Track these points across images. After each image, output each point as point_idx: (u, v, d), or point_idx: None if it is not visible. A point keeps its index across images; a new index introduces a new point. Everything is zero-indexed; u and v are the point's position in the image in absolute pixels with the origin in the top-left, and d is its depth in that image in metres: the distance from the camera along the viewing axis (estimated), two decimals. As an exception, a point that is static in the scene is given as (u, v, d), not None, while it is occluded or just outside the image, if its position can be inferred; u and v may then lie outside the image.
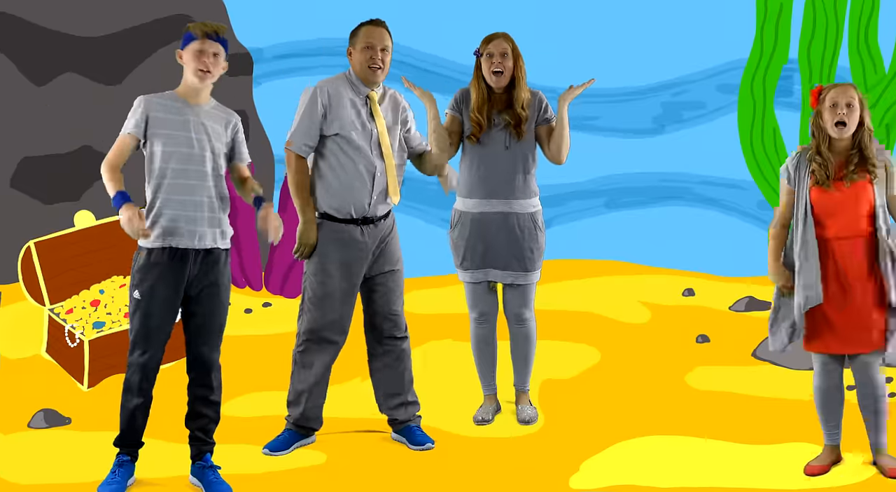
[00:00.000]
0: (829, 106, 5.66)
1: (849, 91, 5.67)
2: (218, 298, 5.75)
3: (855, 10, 8.38)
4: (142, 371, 5.67)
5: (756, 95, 8.50)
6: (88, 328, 7.27)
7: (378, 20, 6.21)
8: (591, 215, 9.01)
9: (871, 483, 5.87)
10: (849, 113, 5.64)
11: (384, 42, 6.16)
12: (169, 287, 5.66)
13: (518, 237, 6.45)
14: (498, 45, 6.42)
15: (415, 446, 6.31)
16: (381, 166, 6.16)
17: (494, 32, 6.48)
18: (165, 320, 5.67)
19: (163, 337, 5.68)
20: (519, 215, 6.45)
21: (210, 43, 5.73)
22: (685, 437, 6.29)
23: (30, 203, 8.80)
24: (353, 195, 6.14)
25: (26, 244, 7.40)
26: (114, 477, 5.79)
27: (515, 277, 6.49)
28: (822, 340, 5.73)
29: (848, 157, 5.68)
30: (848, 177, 5.65)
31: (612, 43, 8.86)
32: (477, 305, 6.59)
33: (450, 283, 8.54)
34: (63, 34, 8.79)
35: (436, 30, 8.82)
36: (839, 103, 5.65)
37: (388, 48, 6.18)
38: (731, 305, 8.15)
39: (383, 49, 6.15)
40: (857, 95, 5.67)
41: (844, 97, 5.64)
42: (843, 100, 5.64)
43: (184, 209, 5.65)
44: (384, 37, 6.17)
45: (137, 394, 5.73)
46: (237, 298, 8.26)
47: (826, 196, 5.66)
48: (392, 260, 6.29)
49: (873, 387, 5.74)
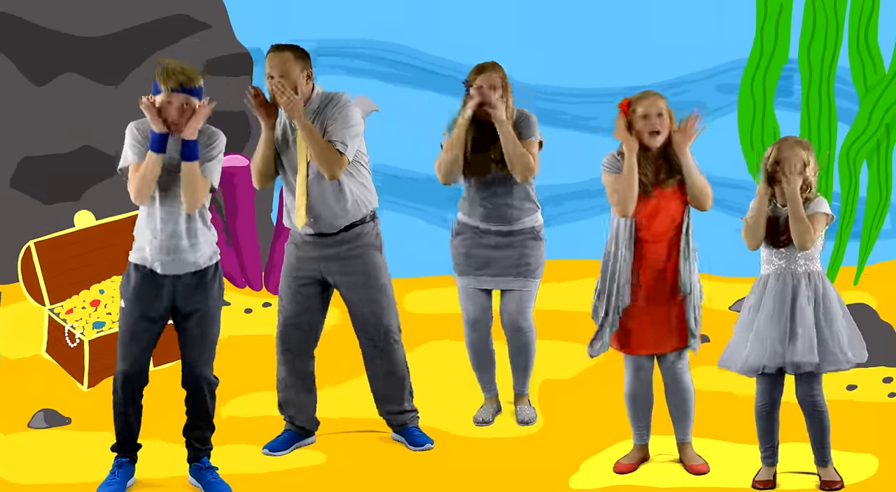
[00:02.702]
0: (640, 116, 5.80)
1: (658, 102, 5.83)
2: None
3: (855, 10, 8.37)
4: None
5: (756, 95, 8.50)
6: (88, 328, 7.27)
7: (274, 45, 6.09)
8: (591, 215, 8.99)
9: (872, 483, 5.87)
10: (661, 122, 5.81)
11: (273, 70, 6.01)
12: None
13: (516, 247, 6.44)
14: (487, 79, 6.32)
15: (414, 447, 6.31)
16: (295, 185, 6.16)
17: (484, 64, 6.38)
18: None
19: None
20: (519, 231, 6.45)
21: (177, 95, 5.58)
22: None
23: (30, 203, 8.80)
24: (292, 210, 6.19)
25: (26, 244, 7.40)
26: (113, 478, 5.80)
27: (511, 283, 6.48)
28: (636, 342, 5.92)
29: (658, 164, 5.86)
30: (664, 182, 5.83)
31: (611, 43, 8.85)
32: (472, 311, 6.57)
33: (450, 283, 8.51)
34: (63, 34, 8.78)
35: (435, 30, 8.81)
36: (650, 114, 5.79)
37: (286, 73, 5.98)
38: (731, 305, 8.15)
39: (279, 76, 5.99)
40: (664, 104, 5.86)
41: (655, 108, 5.81)
42: (654, 110, 5.80)
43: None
44: (273, 64, 6.01)
45: (122, 400, 5.76)
46: (237, 298, 8.25)
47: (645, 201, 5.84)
48: (354, 271, 6.22)
49: (683, 386, 5.95)
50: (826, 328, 5.68)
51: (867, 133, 8.45)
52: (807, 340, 5.63)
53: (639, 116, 5.83)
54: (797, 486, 5.81)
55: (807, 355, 5.62)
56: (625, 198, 5.79)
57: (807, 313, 5.66)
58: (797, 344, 5.63)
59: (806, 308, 5.67)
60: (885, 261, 8.93)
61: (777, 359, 5.66)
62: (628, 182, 5.78)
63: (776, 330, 5.66)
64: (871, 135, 8.45)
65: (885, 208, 8.59)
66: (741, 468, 5.96)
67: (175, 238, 5.66)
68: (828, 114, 8.44)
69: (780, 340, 5.66)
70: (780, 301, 5.69)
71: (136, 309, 5.73)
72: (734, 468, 5.99)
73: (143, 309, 5.73)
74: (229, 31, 8.91)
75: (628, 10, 8.90)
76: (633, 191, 5.79)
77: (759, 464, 5.88)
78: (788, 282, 5.70)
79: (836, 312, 5.71)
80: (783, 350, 5.64)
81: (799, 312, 5.66)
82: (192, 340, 5.75)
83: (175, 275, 5.70)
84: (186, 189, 5.59)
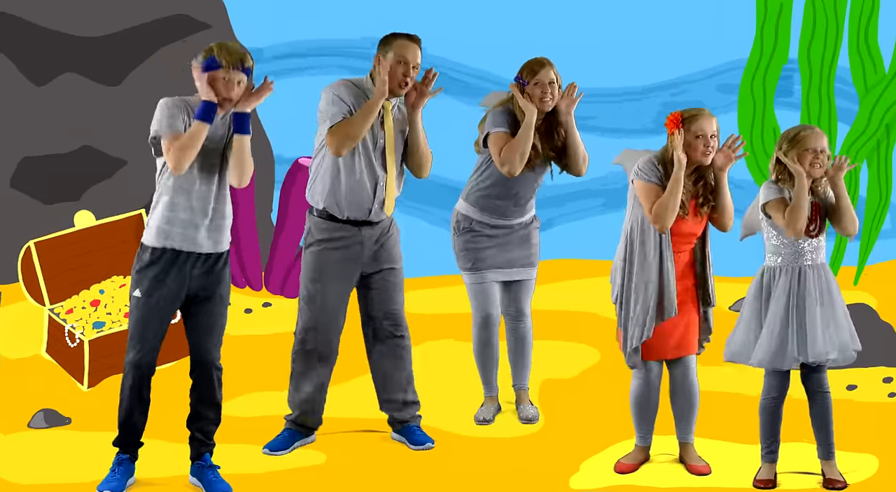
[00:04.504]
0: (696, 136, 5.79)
1: (713, 122, 5.82)
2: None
3: (855, 10, 8.38)
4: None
5: (756, 95, 8.50)
6: (88, 328, 7.27)
7: (415, 36, 6.13)
8: (591, 215, 9.00)
9: (872, 483, 5.87)
10: (714, 143, 5.81)
11: (417, 60, 6.09)
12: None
13: (521, 237, 6.48)
14: (547, 74, 6.36)
15: (415, 446, 6.31)
16: (383, 176, 6.14)
17: (540, 59, 6.40)
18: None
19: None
20: (528, 222, 6.53)
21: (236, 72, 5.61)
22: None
23: (30, 203, 8.80)
24: (356, 200, 6.13)
25: (26, 244, 7.40)
26: (113, 475, 5.79)
27: (520, 273, 6.52)
28: (657, 350, 5.94)
29: (697, 185, 5.88)
30: (701, 205, 5.90)
31: (611, 43, 8.85)
32: (482, 307, 6.57)
33: (450, 283, 8.53)
34: (63, 34, 8.78)
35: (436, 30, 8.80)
36: (706, 134, 5.79)
37: (419, 67, 6.11)
38: (731, 305, 8.15)
39: (415, 67, 6.09)
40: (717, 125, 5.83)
41: (712, 128, 5.80)
42: (710, 130, 5.79)
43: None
44: (418, 54, 6.09)
45: (131, 394, 5.74)
46: (237, 298, 8.25)
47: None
48: (390, 258, 6.26)
49: (691, 388, 5.98)
50: (833, 320, 5.70)
51: (867, 133, 8.46)
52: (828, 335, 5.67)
53: (693, 135, 5.80)
54: (798, 485, 5.81)
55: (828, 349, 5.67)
56: (668, 211, 5.77)
57: (817, 308, 5.68)
58: (817, 340, 5.65)
59: (816, 303, 5.68)
60: (885, 261, 8.94)
61: (795, 358, 5.68)
62: (675, 198, 5.76)
63: (792, 329, 5.68)
64: (871, 135, 8.45)
65: (885, 208, 8.59)
66: (742, 468, 5.96)
67: (205, 216, 5.65)
68: (828, 114, 8.44)
69: (799, 340, 5.67)
70: (792, 298, 5.70)
71: (150, 297, 5.68)
72: (735, 468, 5.99)
73: (161, 292, 5.67)
74: (229, 31, 8.91)
75: (628, 10, 8.91)
76: (676, 206, 5.77)
77: (760, 464, 5.88)
78: (796, 276, 5.71)
79: (840, 303, 5.74)
80: (804, 347, 5.65)
81: (810, 308, 5.67)
82: (204, 325, 5.73)
83: (197, 253, 5.67)
84: (238, 163, 5.58)
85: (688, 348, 5.97)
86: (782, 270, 5.74)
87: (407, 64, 6.05)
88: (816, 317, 5.67)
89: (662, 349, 5.94)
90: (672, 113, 5.85)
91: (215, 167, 5.65)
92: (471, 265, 6.52)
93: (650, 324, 5.85)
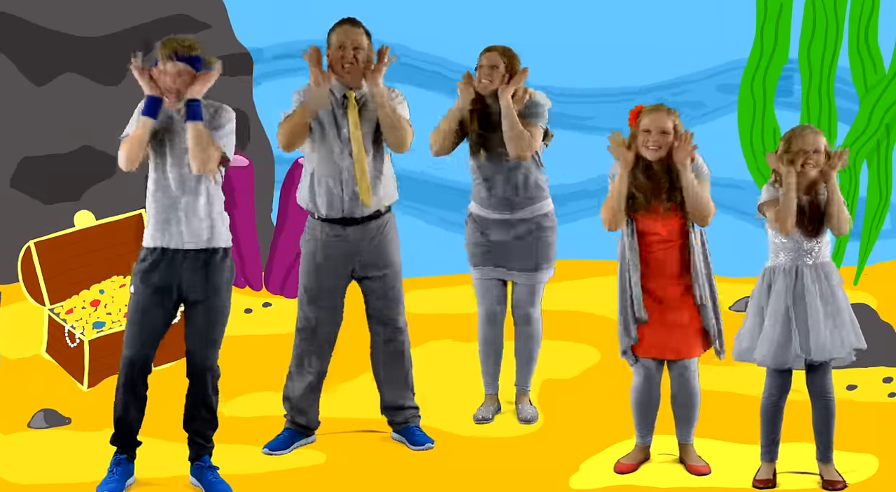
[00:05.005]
0: (643, 130, 5.83)
1: (664, 118, 5.86)
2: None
3: (855, 10, 8.37)
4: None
5: (756, 95, 8.50)
6: (88, 328, 7.27)
7: (349, 19, 6.16)
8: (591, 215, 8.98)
9: (872, 483, 5.87)
10: (663, 139, 5.82)
11: (355, 41, 6.08)
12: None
13: (524, 237, 6.45)
14: (486, 59, 6.37)
15: (414, 446, 6.31)
16: (349, 166, 6.13)
17: (492, 45, 6.42)
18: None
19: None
20: (526, 220, 6.45)
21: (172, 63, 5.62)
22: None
23: (30, 203, 8.80)
24: (328, 193, 6.15)
25: (26, 244, 7.40)
26: (112, 476, 5.80)
27: (521, 275, 6.49)
28: (646, 344, 5.91)
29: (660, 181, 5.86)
30: (664, 201, 5.85)
31: (611, 43, 8.85)
32: (483, 303, 6.58)
33: (450, 283, 8.53)
34: (63, 34, 8.78)
35: (436, 30, 8.81)
36: (653, 130, 5.82)
37: (362, 45, 6.09)
38: (731, 305, 8.15)
39: (356, 47, 6.09)
40: (670, 122, 5.86)
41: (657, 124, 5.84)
42: (657, 127, 5.82)
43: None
44: (354, 35, 6.09)
45: (125, 391, 5.75)
46: (237, 298, 8.25)
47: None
48: (384, 262, 6.24)
49: (690, 392, 5.95)
50: (836, 318, 5.69)
51: (867, 133, 8.46)
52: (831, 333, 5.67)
53: (641, 129, 5.83)
54: (798, 486, 5.81)
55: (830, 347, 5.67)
56: (607, 211, 5.84)
57: (818, 306, 5.67)
58: (819, 337, 5.65)
59: (817, 300, 5.68)
60: (885, 261, 8.94)
61: (798, 355, 5.68)
62: (614, 197, 5.80)
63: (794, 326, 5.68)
64: (871, 135, 8.45)
65: (885, 208, 8.59)
66: (742, 469, 5.96)
67: (177, 210, 5.66)
68: (828, 114, 8.44)
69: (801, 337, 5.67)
70: (789, 296, 5.70)
71: (142, 289, 5.71)
72: (735, 468, 5.99)
73: (150, 289, 5.71)
74: (229, 31, 8.91)
75: (628, 10, 8.91)
76: (620, 205, 5.80)
77: (759, 464, 5.88)
78: (794, 276, 5.71)
79: (843, 302, 5.73)
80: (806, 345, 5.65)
81: (811, 306, 5.67)
82: (198, 329, 5.74)
83: (184, 250, 5.68)
84: (194, 149, 5.56)
85: (687, 351, 5.92)
86: (783, 270, 5.74)
87: (344, 47, 6.09)
88: (819, 315, 5.67)
89: (658, 349, 5.93)
90: (636, 106, 5.90)
91: (181, 161, 5.65)
92: (470, 259, 6.54)
93: (631, 327, 5.88)
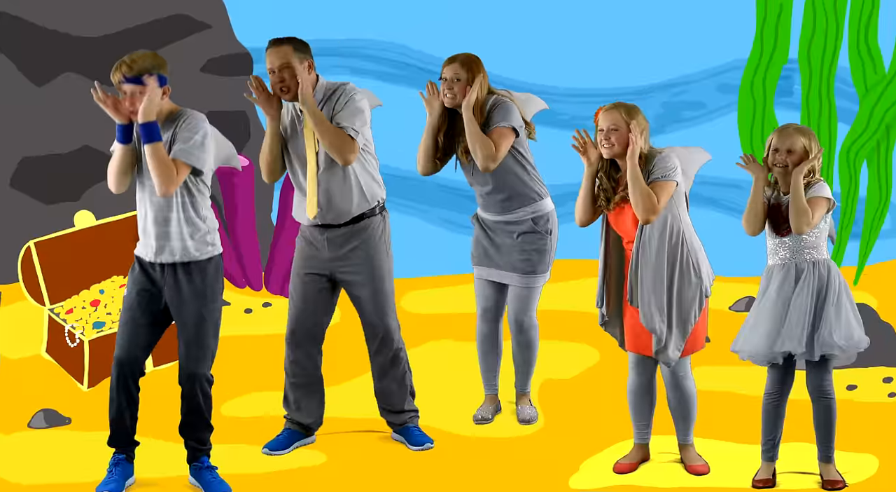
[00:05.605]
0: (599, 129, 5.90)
1: (612, 115, 5.87)
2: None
3: (855, 10, 8.37)
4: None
5: (756, 95, 8.50)
6: (88, 328, 7.27)
7: (273, 40, 6.09)
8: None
9: (872, 483, 5.87)
10: (616, 137, 5.83)
11: (277, 62, 6.02)
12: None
13: (516, 241, 6.43)
14: (447, 71, 6.36)
15: (414, 447, 6.31)
16: (304, 180, 6.16)
17: (453, 55, 6.41)
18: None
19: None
20: (517, 222, 6.44)
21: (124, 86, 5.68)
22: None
23: (30, 203, 8.80)
24: (301, 201, 6.19)
25: (26, 244, 7.40)
26: (111, 477, 5.80)
27: (511, 278, 6.48)
28: (628, 339, 5.94)
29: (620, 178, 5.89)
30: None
31: (611, 43, 8.85)
32: (480, 300, 6.59)
33: (450, 283, 8.53)
34: (63, 34, 8.78)
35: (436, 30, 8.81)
36: (604, 129, 5.86)
37: (290, 64, 6.00)
38: (731, 305, 8.15)
39: (282, 67, 6.01)
40: (619, 118, 5.85)
41: (606, 122, 5.87)
42: (606, 125, 5.86)
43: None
44: (276, 56, 6.03)
45: (117, 391, 5.75)
46: (237, 298, 8.25)
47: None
48: (360, 270, 6.21)
49: (682, 390, 5.93)
50: (836, 315, 5.69)
51: (867, 133, 8.46)
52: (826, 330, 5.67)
53: (598, 129, 5.89)
54: (798, 486, 5.81)
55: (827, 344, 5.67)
56: (577, 211, 5.97)
57: (809, 303, 5.68)
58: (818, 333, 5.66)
59: (811, 298, 5.68)
60: (885, 261, 8.93)
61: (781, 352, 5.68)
62: (582, 194, 5.93)
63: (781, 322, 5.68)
64: (871, 135, 8.45)
65: (885, 208, 8.59)
66: (741, 468, 5.96)
67: (155, 224, 5.68)
68: (828, 114, 8.44)
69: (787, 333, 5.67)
70: (784, 293, 5.71)
71: (131, 290, 5.78)
72: (734, 468, 5.99)
73: (136, 292, 5.77)
74: (229, 31, 8.91)
75: (628, 10, 8.91)
76: (585, 203, 5.95)
77: (759, 464, 5.88)
78: (792, 272, 5.71)
79: (844, 299, 5.72)
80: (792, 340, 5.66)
81: (805, 303, 5.67)
82: (184, 338, 5.74)
83: (160, 263, 5.70)
84: (152, 172, 5.58)
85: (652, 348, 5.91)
86: (779, 268, 5.75)
87: (272, 71, 6.05)
88: (816, 311, 5.67)
89: (634, 345, 5.94)
90: (599, 108, 5.95)
91: (148, 178, 5.70)
92: (471, 257, 6.56)
93: (601, 311, 6.03)
